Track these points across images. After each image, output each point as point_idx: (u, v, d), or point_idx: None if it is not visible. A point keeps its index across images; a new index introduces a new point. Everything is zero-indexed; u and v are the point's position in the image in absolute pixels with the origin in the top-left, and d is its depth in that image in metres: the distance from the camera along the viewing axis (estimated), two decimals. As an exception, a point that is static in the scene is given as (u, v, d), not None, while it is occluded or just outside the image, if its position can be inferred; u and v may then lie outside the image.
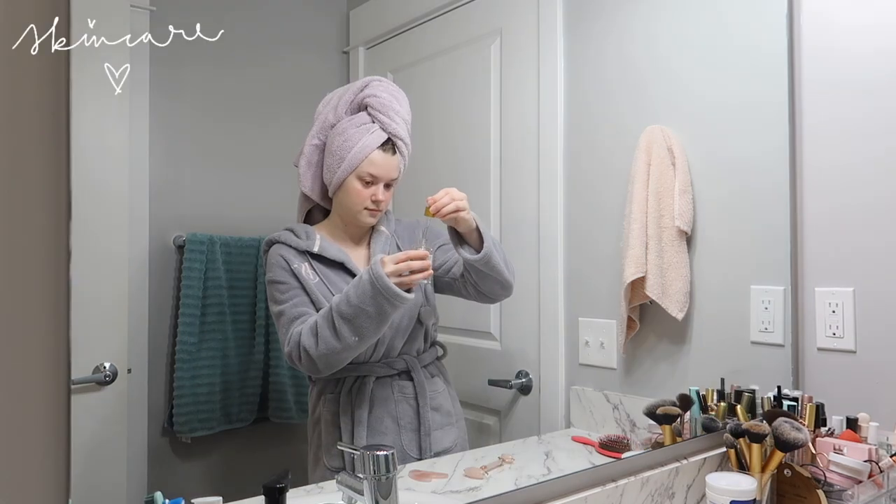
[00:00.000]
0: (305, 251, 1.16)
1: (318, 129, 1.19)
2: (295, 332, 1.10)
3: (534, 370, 1.44)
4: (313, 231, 1.20)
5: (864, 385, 1.46)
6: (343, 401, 1.15)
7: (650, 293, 1.42)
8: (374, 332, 1.08)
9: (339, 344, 1.06)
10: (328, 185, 1.19)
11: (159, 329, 1.13)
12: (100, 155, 1.03)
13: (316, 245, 1.18)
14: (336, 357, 1.08)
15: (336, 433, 1.15)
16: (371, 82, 1.19)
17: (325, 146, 1.18)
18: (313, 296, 1.14)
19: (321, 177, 1.20)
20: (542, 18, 1.48)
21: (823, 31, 1.56)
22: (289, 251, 1.16)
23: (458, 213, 1.13)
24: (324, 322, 1.08)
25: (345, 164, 1.15)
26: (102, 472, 1.01)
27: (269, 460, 1.24)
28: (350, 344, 1.07)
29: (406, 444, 1.17)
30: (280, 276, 1.15)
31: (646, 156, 1.46)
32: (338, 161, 1.16)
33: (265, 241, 1.19)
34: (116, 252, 1.06)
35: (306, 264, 1.16)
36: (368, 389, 1.15)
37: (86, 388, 0.97)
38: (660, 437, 1.37)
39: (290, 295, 1.14)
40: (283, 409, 1.27)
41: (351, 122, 1.17)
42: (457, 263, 1.23)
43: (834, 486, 1.24)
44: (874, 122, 1.47)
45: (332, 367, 1.10)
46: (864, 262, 1.47)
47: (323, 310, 1.10)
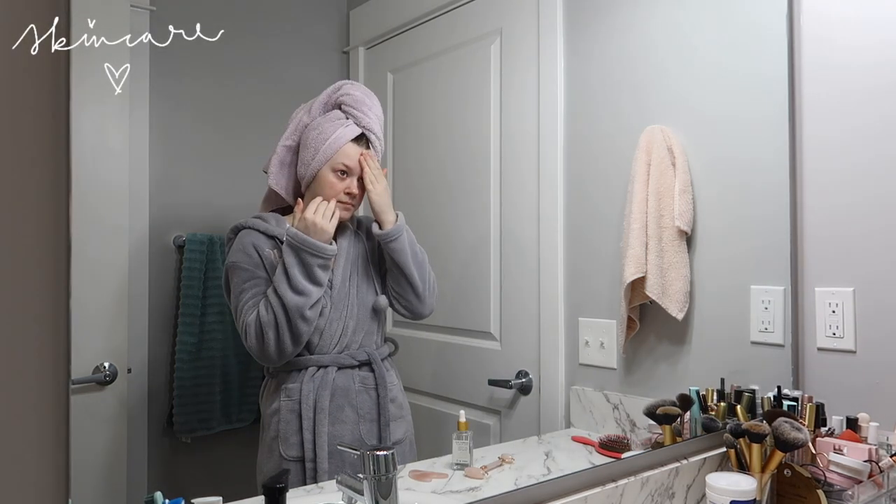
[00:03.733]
0: (275, 237, 1.16)
1: (291, 131, 1.21)
2: (251, 317, 1.11)
3: (534, 370, 1.44)
4: (284, 220, 1.20)
5: (864, 385, 1.46)
6: (305, 388, 1.15)
7: (650, 293, 1.42)
8: (311, 288, 1.13)
9: (284, 314, 1.10)
10: (301, 179, 1.20)
11: (159, 329, 1.12)
12: (100, 155, 1.03)
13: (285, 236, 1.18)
14: (287, 331, 1.10)
15: (296, 422, 1.15)
16: (344, 84, 1.22)
17: (298, 146, 1.20)
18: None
19: (294, 175, 1.21)
20: (542, 18, 1.48)
21: (824, 28, 1.56)
22: (259, 237, 1.16)
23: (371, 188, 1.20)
24: (270, 298, 1.11)
25: (319, 156, 1.17)
26: (102, 472, 1.01)
27: (269, 460, 1.24)
28: (295, 304, 1.10)
29: (364, 434, 1.18)
30: (245, 263, 1.15)
31: (646, 156, 1.46)
32: (312, 153, 1.18)
33: (231, 228, 1.18)
34: (116, 252, 1.06)
35: (276, 251, 1.16)
36: (331, 378, 1.16)
37: (86, 388, 0.97)
38: (660, 437, 1.37)
39: (252, 284, 1.14)
40: (283, 409, 1.27)
41: (325, 118, 1.20)
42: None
43: (834, 486, 1.24)
44: (875, 122, 1.47)
45: (283, 347, 1.11)
46: (864, 262, 1.47)
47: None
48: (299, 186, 1.21)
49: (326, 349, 1.17)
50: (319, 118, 1.20)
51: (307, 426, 1.14)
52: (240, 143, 1.24)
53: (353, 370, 1.19)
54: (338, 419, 1.16)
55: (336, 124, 1.19)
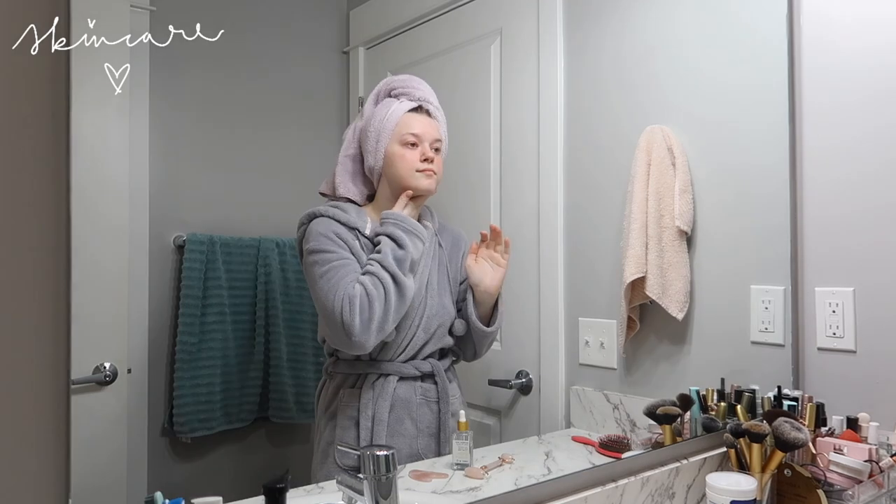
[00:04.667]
0: (356, 229, 1.12)
1: (349, 141, 1.19)
2: (355, 289, 1.05)
3: (534, 370, 1.44)
4: (363, 211, 1.15)
5: (864, 385, 1.46)
6: (364, 397, 1.11)
7: (650, 293, 1.42)
8: (410, 278, 1.10)
9: (395, 289, 1.06)
10: (373, 171, 1.16)
11: (159, 329, 1.12)
12: (100, 155, 1.03)
13: (368, 227, 1.13)
14: (393, 309, 1.06)
15: (354, 430, 1.11)
16: (388, 78, 1.22)
17: (360, 153, 1.18)
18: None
19: (363, 176, 1.18)
20: (542, 18, 1.48)
21: (823, 27, 1.56)
22: (338, 226, 1.11)
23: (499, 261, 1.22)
24: (377, 273, 1.07)
25: (383, 135, 1.14)
26: (102, 472, 1.01)
27: (269, 460, 1.24)
28: (405, 283, 1.07)
29: (422, 449, 1.15)
30: (326, 245, 1.08)
31: (646, 156, 1.46)
32: (375, 138, 1.15)
33: (305, 215, 1.14)
34: (116, 252, 1.06)
35: (358, 242, 1.11)
36: (392, 388, 1.12)
37: (86, 388, 0.97)
38: (660, 437, 1.37)
39: (342, 263, 1.08)
40: (284, 409, 1.26)
41: (378, 107, 1.18)
42: (464, 303, 1.24)
43: (834, 486, 1.24)
44: (875, 122, 1.47)
45: (385, 326, 1.06)
46: (864, 262, 1.47)
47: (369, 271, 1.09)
48: (372, 186, 1.18)
49: (391, 356, 1.13)
50: (373, 110, 1.17)
51: (364, 436, 1.09)
52: (240, 142, 1.24)
53: (416, 381, 1.14)
54: (397, 431, 1.12)
55: (390, 104, 1.17)
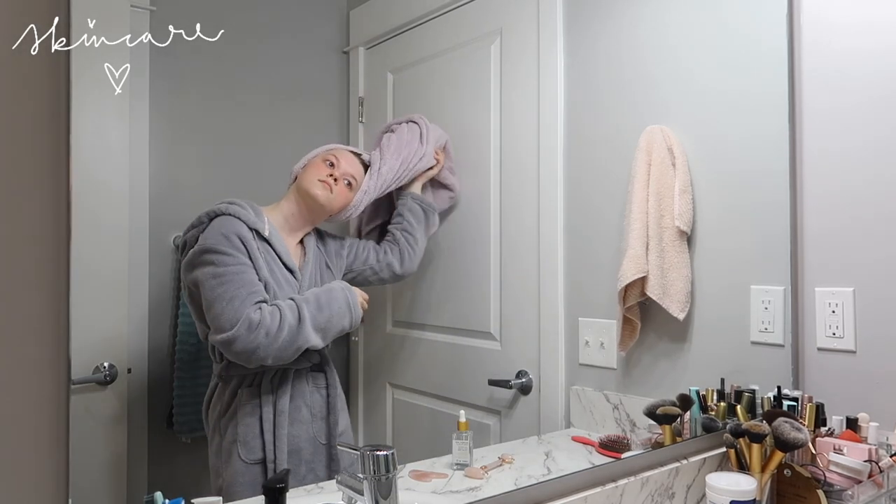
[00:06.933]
0: (254, 230, 1.13)
1: (357, 203, 1.27)
2: (262, 310, 1.09)
3: (534, 370, 1.44)
4: (262, 212, 1.17)
5: (864, 385, 1.46)
6: (265, 391, 1.15)
7: (651, 293, 1.42)
8: (327, 337, 1.18)
9: (300, 335, 1.13)
10: (293, 172, 1.23)
11: (159, 329, 1.12)
12: (100, 155, 1.03)
13: (266, 229, 1.14)
14: (290, 346, 1.13)
15: (256, 424, 1.14)
16: (403, 119, 1.35)
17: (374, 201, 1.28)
18: (261, 274, 1.11)
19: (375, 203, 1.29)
20: (542, 18, 1.48)
21: (822, 29, 1.56)
22: (241, 226, 1.12)
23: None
24: (297, 309, 1.13)
25: (322, 150, 1.24)
26: (102, 472, 1.01)
27: (269, 460, 1.24)
28: (309, 339, 1.14)
29: (316, 432, 1.19)
30: (224, 247, 1.08)
31: (646, 156, 1.46)
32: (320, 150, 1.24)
33: (204, 214, 1.12)
34: (116, 252, 1.06)
35: (255, 244, 1.13)
36: (289, 381, 1.17)
37: (86, 388, 0.97)
38: (660, 437, 1.37)
39: (237, 269, 1.09)
40: (283, 409, 1.27)
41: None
42: (371, 252, 1.30)
43: (834, 486, 1.24)
44: (875, 122, 1.47)
45: (286, 355, 1.13)
46: (865, 262, 1.47)
47: (291, 303, 1.14)
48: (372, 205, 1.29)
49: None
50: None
51: (268, 428, 1.14)
52: (240, 142, 1.24)
53: (307, 371, 1.20)
54: (296, 419, 1.17)
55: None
